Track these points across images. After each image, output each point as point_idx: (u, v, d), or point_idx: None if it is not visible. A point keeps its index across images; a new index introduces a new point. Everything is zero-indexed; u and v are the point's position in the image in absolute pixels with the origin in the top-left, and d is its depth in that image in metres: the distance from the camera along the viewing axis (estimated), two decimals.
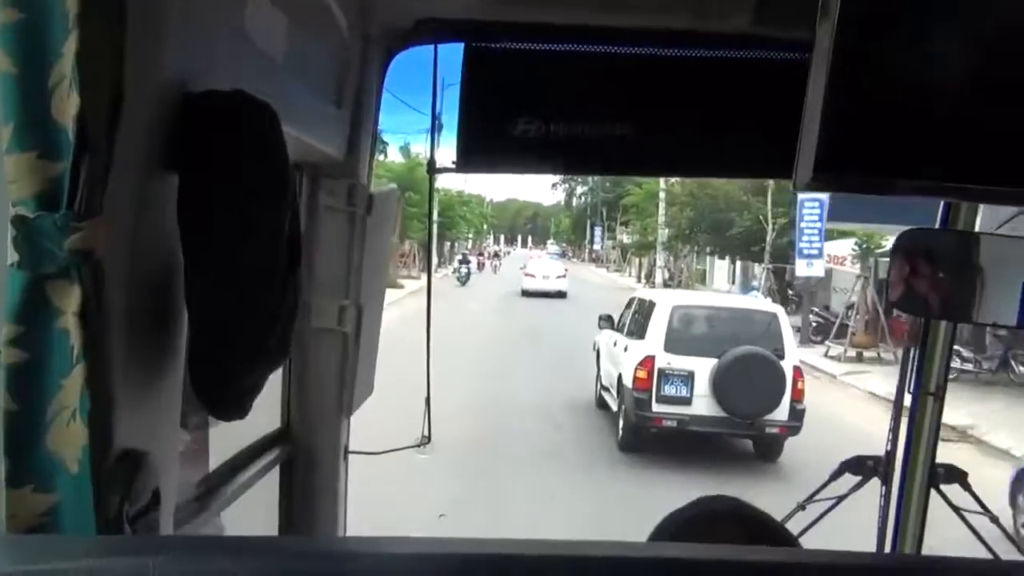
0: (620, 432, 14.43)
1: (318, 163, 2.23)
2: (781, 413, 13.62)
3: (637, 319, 15.48)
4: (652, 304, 14.72)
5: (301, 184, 2.26)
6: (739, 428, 13.74)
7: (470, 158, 2.29)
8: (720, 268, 51.01)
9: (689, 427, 13.80)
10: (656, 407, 13.79)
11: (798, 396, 13.71)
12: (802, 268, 30.98)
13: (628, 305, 16.40)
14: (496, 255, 54.95)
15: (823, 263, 30.78)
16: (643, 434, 14.16)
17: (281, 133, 1.34)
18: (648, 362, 13.80)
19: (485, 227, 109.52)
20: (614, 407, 14.99)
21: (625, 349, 14.90)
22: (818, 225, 31.08)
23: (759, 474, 13.43)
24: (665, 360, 13.80)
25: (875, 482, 3.12)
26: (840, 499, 3.12)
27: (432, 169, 2.47)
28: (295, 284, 1.41)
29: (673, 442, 14.43)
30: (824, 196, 35.13)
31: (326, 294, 2.34)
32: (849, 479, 3.16)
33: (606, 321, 16.73)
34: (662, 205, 47.54)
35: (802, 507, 3.14)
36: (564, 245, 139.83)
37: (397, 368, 4.21)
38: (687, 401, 13.79)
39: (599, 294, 40.76)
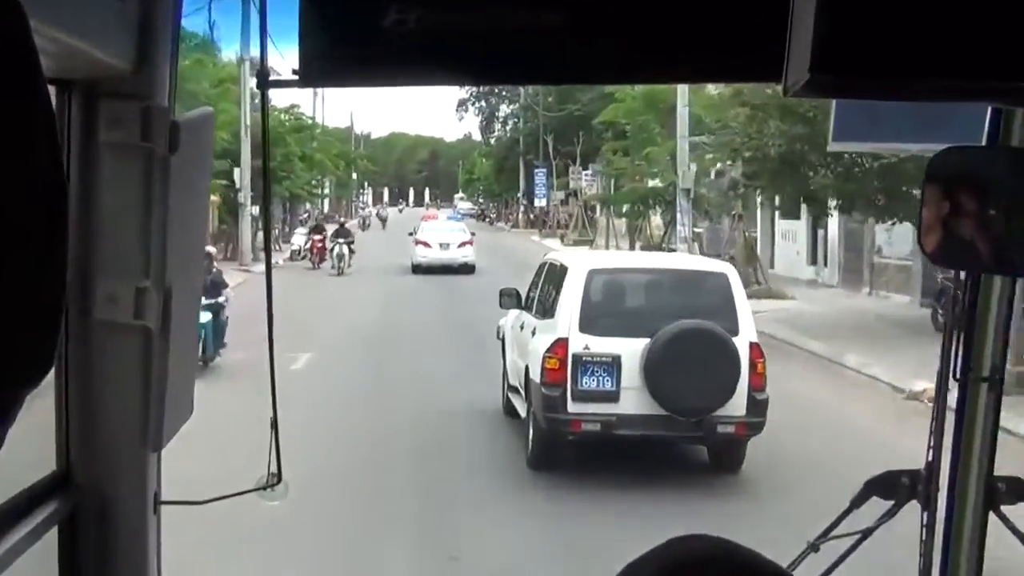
0: (529, 444, 14.46)
1: (95, 78, 2.16)
2: (736, 407, 13.80)
3: (547, 292, 15.53)
4: (564, 269, 14.64)
5: (69, 109, 2.19)
6: (683, 429, 13.84)
7: (321, 64, 2.25)
8: (790, 236, 42.06)
9: (617, 431, 13.88)
10: (572, 406, 13.84)
11: (758, 384, 13.90)
12: None
13: (538, 273, 16.28)
14: (341, 232, 47.81)
15: None
16: (558, 444, 14.25)
17: (29, 33, 1.17)
18: (559, 347, 13.87)
19: (354, 175, 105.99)
20: (523, 412, 15.02)
21: (532, 333, 14.97)
22: None
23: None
24: (581, 343, 13.86)
25: (912, 506, 2.95)
26: (866, 534, 2.95)
27: (264, 83, 2.40)
28: (59, 258, 1.19)
29: (599, 453, 14.51)
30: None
31: (114, 273, 2.27)
32: (877, 504, 2.99)
33: (510, 298, 16.69)
34: (683, 119, 37.53)
35: (815, 548, 2.96)
36: (482, 202, 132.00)
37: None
38: (613, 396, 13.85)
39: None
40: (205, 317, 18.78)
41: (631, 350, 13.76)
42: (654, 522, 11.72)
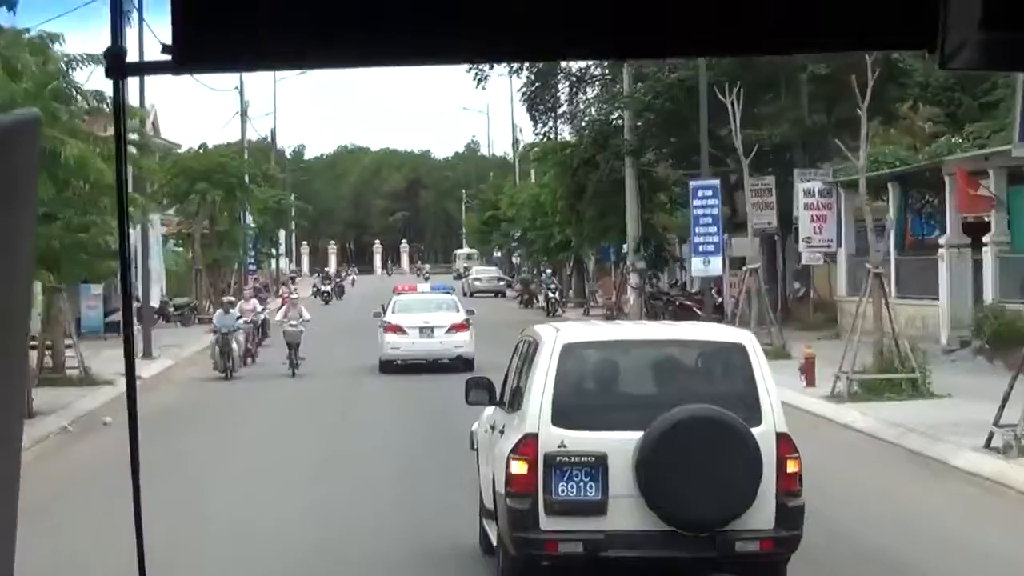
0: None
1: None
2: (761, 518, 11.69)
3: (517, 377, 13.39)
4: (535, 345, 12.17)
5: None
6: (690, 549, 11.67)
7: (208, 39, 1.98)
8: None
9: (606, 552, 11.73)
10: (546, 522, 11.72)
11: (789, 487, 11.85)
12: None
13: (514, 353, 13.93)
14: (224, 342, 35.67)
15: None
16: (532, 574, 12.25)
17: None
18: (526, 446, 11.80)
19: (248, 220, 69.87)
20: (494, 538, 12.97)
21: (501, 433, 12.86)
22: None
23: None
24: (555, 440, 11.69)
25: None
26: None
27: (118, 67, 2.05)
28: None
29: None
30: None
31: None
32: None
33: (479, 391, 14.20)
34: None
35: None
36: (519, 262, 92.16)
37: None
38: (598, 508, 11.72)
39: None
40: None
41: (620, 447, 11.63)
42: None
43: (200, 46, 2.00)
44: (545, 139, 63.75)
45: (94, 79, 29.55)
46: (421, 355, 36.56)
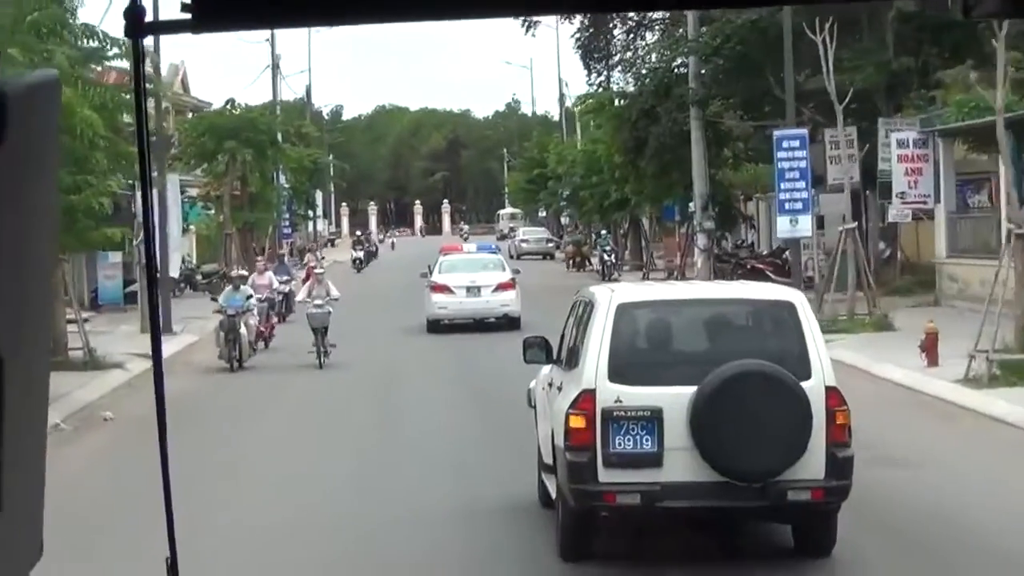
0: (558, 529, 13.19)
1: None
2: (811, 468, 12.24)
3: (574, 336, 14.09)
4: (590, 306, 12.93)
5: None
6: (744, 498, 12.27)
7: None
8: None
9: (663, 503, 12.33)
10: (604, 475, 12.32)
11: (839, 438, 12.38)
12: None
13: (568, 315, 14.78)
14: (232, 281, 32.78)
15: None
16: (591, 525, 12.91)
17: None
18: (584, 401, 12.43)
19: (282, 181, 66.81)
20: (553, 491, 13.67)
21: (559, 389, 13.55)
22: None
23: None
24: (612, 395, 12.35)
25: None
26: None
27: (137, 27, 2.01)
28: None
29: (644, 533, 13.22)
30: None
31: None
32: None
33: (536, 350, 14.93)
34: None
35: None
36: (568, 221, 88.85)
37: None
38: (654, 460, 12.27)
39: None
40: None
41: (675, 401, 12.23)
42: None
43: (220, 3, 1.97)
44: (600, 89, 58.92)
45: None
46: (468, 314, 37.52)
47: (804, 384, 12.10)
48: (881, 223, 43.15)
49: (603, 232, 69.24)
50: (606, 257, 59.68)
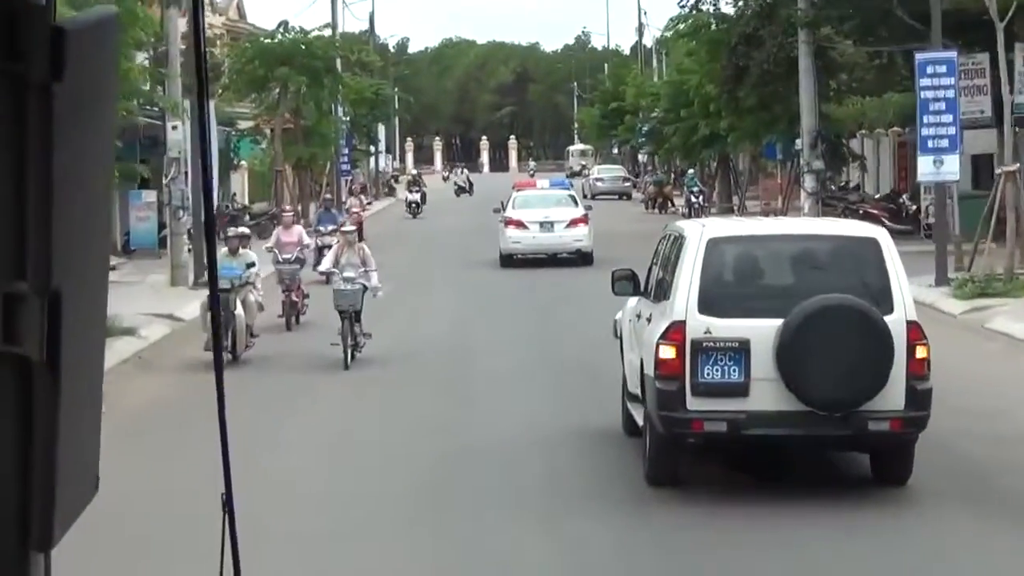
0: (646, 454, 13.87)
1: None
2: (892, 399, 12.85)
3: (663, 269, 14.91)
4: (680, 240, 13.33)
5: None
6: (826, 428, 12.96)
7: None
8: None
9: (748, 431, 13.03)
10: (693, 403, 13.06)
11: (918, 371, 13.01)
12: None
13: (656, 249, 15.79)
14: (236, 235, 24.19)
15: None
16: (678, 451, 13.53)
17: None
18: (675, 332, 13.19)
19: (342, 112, 61.59)
20: (640, 419, 14.45)
21: (648, 320, 14.37)
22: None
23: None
24: (701, 327, 13.10)
25: None
26: None
27: None
28: None
29: (731, 460, 13.80)
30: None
31: None
32: None
33: (625, 283, 15.89)
34: None
35: None
36: (645, 161, 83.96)
37: None
38: (741, 390, 12.95)
39: None
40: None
41: (761, 333, 12.92)
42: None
43: None
44: (694, 11, 51.07)
45: None
46: (541, 249, 38.48)
47: (887, 318, 12.81)
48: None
49: (690, 171, 65.07)
50: (693, 199, 56.98)
